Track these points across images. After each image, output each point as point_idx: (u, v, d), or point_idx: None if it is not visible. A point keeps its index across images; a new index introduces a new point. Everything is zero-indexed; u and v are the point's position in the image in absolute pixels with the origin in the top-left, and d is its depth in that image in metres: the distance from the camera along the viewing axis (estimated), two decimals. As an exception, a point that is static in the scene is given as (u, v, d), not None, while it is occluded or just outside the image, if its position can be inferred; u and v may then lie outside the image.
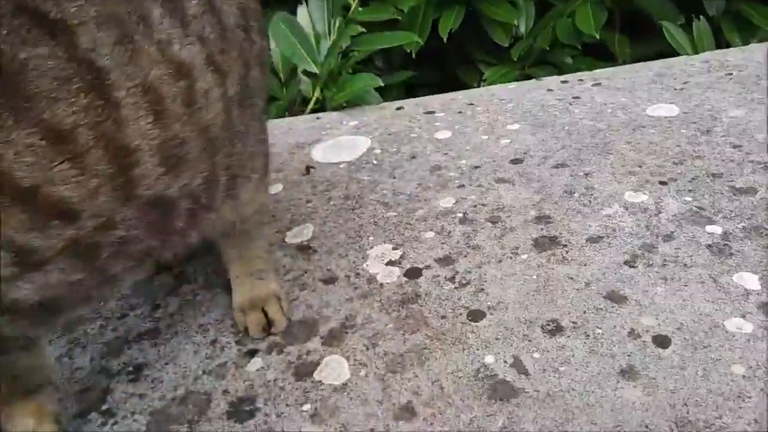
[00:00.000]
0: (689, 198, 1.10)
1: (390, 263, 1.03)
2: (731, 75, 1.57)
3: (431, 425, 0.75)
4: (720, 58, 1.70)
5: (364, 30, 1.65)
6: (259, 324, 0.91)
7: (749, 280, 0.91)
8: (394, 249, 1.06)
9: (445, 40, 2.03)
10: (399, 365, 0.83)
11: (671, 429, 0.71)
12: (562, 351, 0.83)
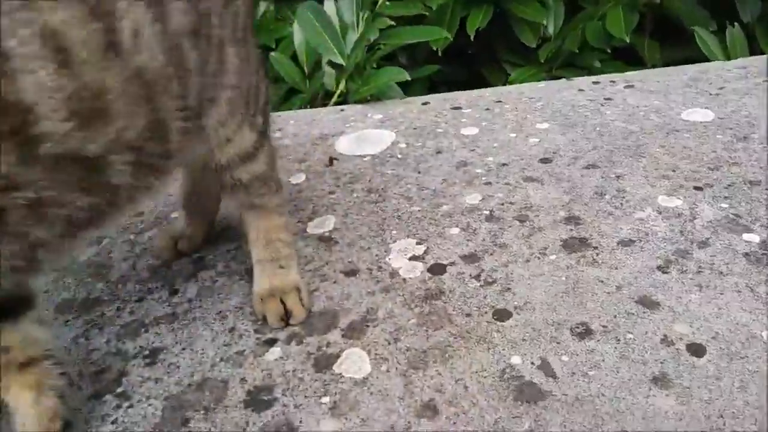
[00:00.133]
0: (725, 205, 1.07)
1: (413, 258, 1.01)
2: (768, 82, 1.53)
3: (454, 424, 0.72)
4: (757, 64, 1.65)
5: (393, 23, 1.63)
6: (278, 314, 0.89)
7: (788, 291, 0.88)
8: (417, 244, 1.04)
9: (472, 38, 2.00)
10: (421, 362, 0.81)
11: (706, 441, 0.68)
12: (591, 355, 0.80)
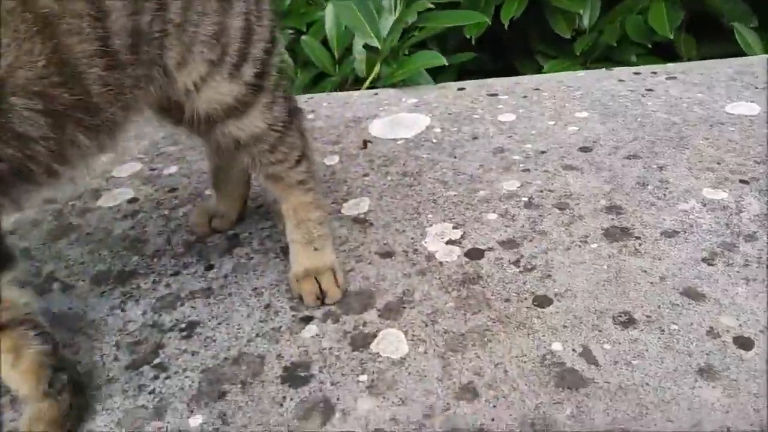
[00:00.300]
0: (773, 199, 1.04)
1: (450, 242, 0.99)
2: (816, 77, 1.48)
3: (494, 408, 0.71)
4: (804, 59, 1.61)
5: (432, 6, 1.60)
6: (313, 293, 0.89)
7: (840, 288, 0.85)
8: (454, 228, 1.02)
9: (506, 27, 1.97)
10: (460, 345, 0.80)
11: (755, 436, 0.66)
12: (635, 344, 0.78)
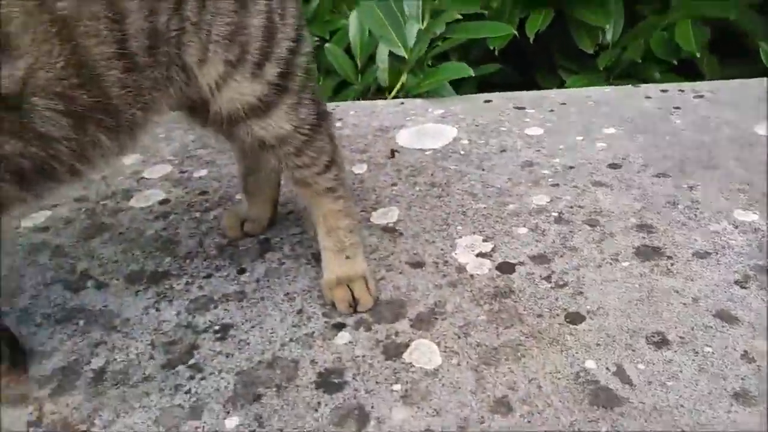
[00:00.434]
0: (804, 223, 1.04)
1: (480, 255, 1.00)
2: None
3: (529, 423, 0.71)
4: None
5: (460, 17, 1.61)
6: (346, 300, 0.90)
7: None
8: (484, 241, 1.03)
9: (531, 40, 1.98)
10: (493, 358, 0.80)
11: (791, 462, 0.66)
12: (669, 365, 0.78)
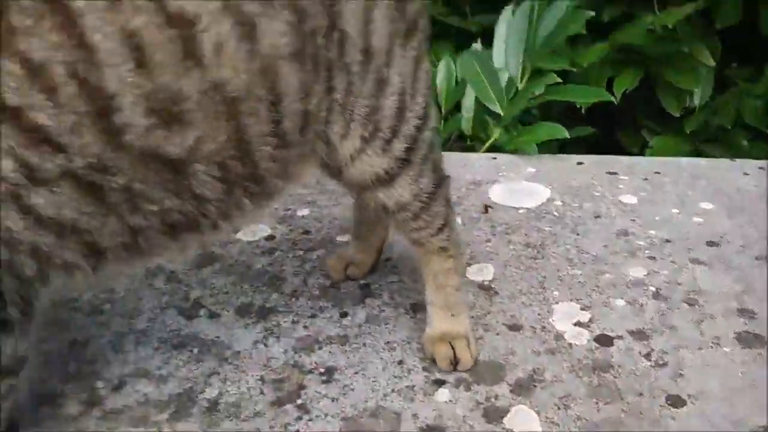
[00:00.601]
0: None
1: (578, 324, 1.02)
2: None
3: (632, 507, 0.72)
4: None
5: (560, 80, 1.65)
6: (447, 357, 0.92)
7: None
8: (582, 310, 1.05)
9: (618, 101, 1.99)
10: (594, 434, 0.82)
11: None
12: (776, 464, 0.78)
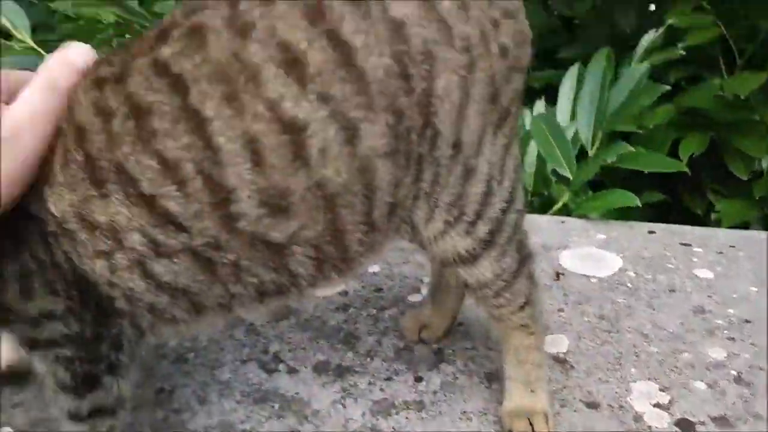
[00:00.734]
0: None
1: (657, 405, 1.00)
2: None
3: None
4: None
5: (632, 149, 1.66)
6: (525, 434, 0.93)
7: None
8: (660, 390, 1.03)
9: (684, 163, 1.98)
10: None
11: None
12: None
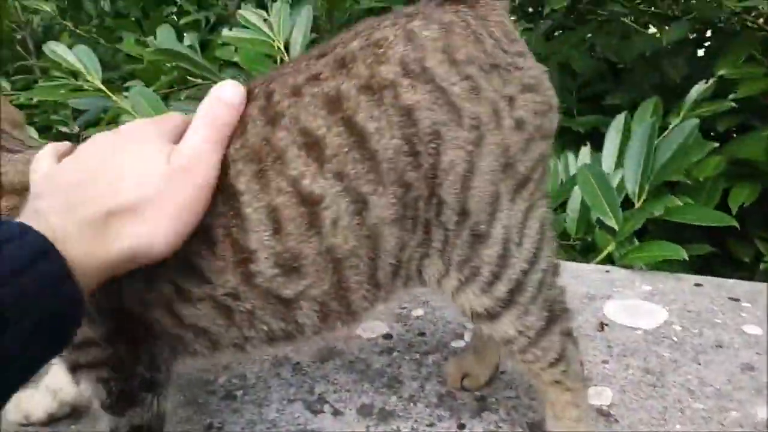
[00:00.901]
0: None
1: (704, 465, 1.00)
2: None
3: None
4: None
5: (680, 203, 1.67)
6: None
7: None
8: (707, 449, 1.03)
9: (734, 214, 1.96)
10: None
11: None
12: None
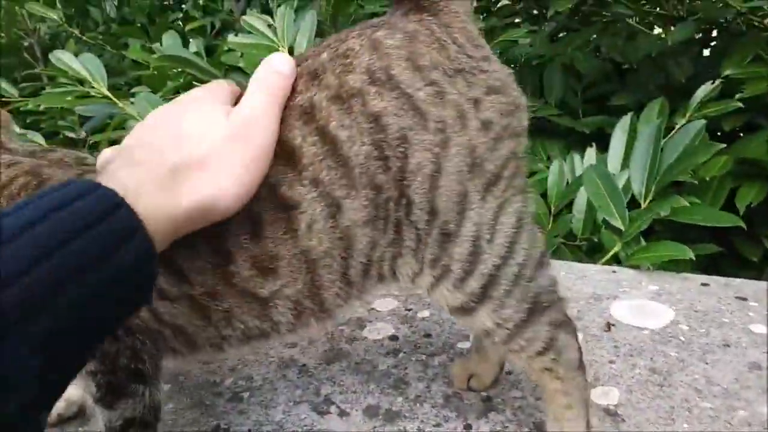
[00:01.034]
0: None
1: (711, 464, 0.99)
2: None
3: None
4: None
5: (687, 204, 1.66)
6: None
7: None
8: (714, 448, 1.02)
9: (741, 214, 1.95)
10: None
11: None
12: None
